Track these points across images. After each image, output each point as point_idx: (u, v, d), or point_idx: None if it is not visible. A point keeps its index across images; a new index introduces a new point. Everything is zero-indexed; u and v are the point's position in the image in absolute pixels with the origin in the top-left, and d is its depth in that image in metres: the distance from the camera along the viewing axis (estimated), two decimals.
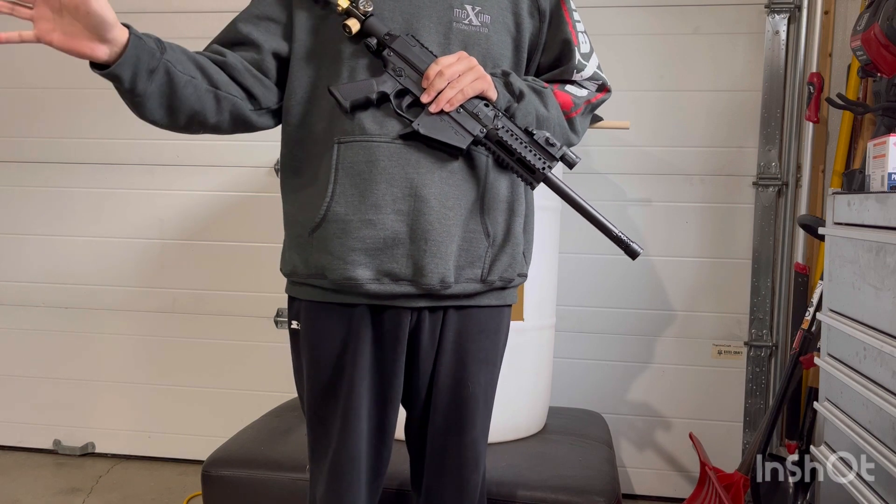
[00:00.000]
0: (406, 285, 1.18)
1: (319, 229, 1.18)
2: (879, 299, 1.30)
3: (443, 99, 1.14)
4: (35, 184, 2.86)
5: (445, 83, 1.14)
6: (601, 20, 2.48)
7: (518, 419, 2.08)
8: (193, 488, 2.50)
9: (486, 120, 1.17)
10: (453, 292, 1.22)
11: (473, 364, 1.27)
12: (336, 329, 1.23)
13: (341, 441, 1.24)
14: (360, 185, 1.16)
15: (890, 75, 1.80)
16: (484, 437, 1.33)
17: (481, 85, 1.16)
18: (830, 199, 1.56)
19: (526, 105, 1.21)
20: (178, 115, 1.15)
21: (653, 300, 2.58)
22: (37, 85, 2.83)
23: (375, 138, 1.16)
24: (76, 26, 0.98)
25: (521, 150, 1.17)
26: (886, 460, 1.24)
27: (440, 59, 1.15)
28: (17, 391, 2.94)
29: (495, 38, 1.24)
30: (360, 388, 1.23)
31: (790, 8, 2.41)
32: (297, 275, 1.25)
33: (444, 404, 1.27)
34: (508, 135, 1.17)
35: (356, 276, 1.17)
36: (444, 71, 1.14)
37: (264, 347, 2.78)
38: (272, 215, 1.31)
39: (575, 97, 1.30)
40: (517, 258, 1.28)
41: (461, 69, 1.14)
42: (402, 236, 1.17)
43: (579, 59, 1.30)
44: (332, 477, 1.26)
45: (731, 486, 2.08)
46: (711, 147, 2.53)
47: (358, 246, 1.16)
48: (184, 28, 2.70)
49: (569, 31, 1.29)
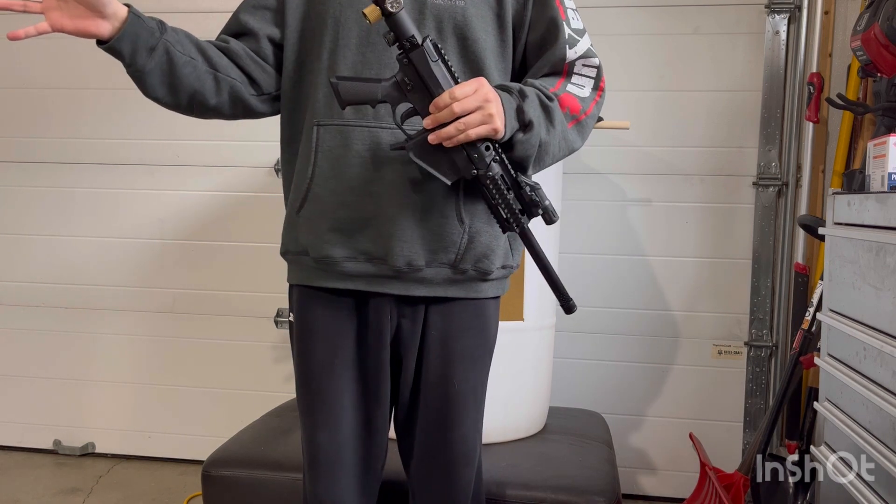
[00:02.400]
0: (379, 264, 1.21)
1: (303, 209, 1.23)
2: (879, 299, 1.30)
3: (443, 135, 1.09)
4: (35, 184, 2.86)
5: (452, 118, 1.08)
6: (601, 20, 2.48)
7: (518, 419, 2.08)
8: (193, 488, 2.50)
9: (480, 164, 1.12)
10: (425, 276, 1.22)
11: (459, 362, 1.28)
12: (322, 319, 1.26)
13: (324, 432, 1.26)
14: (337, 168, 1.20)
15: (890, 75, 1.80)
16: (475, 432, 1.32)
17: (486, 131, 1.10)
18: (830, 199, 1.56)
19: (531, 137, 1.16)
20: (179, 93, 1.20)
21: (653, 300, 2.58)
22: (37, 85, 2.83)
23: (351, 122, 1.19)
24: (79, 9, 1.09)
25: (503, 201, 1.15)
26: (886, 460, 1.24)
27: (455, 91, 1.08)
28: (17, 391, 2.94)
29: (473, 12, 1.22)
30: (343, 377, 1.25)
31: (790, 8, 2.41)
32: (289, 253, 1.30)
33: (432, 402, 1.28)
34: (495, 186, 1.14)
35: (332, 255, 1.22)
36: (454, 107, 1.07)
37: (264, 347, 2.78)
38: (272, 215, 1.31)
39: (580, 98, 1.26)
40: (497, 250, 1.26)
41: (472, 106, 1.08)
42: (372, 217, 1.20)
43: (570, 34, 1.26)
44: (314, 468, 1.28)
45: (731, 486, 2.08)
46: (711, 147, 2.52)
47: (334, 226, 1.21)
48: (185, 28, 2.70)
49: (556, 8, 1.26)
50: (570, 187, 2.37)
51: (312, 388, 1.28)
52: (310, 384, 1.28)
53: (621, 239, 2.58)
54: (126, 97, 2.77)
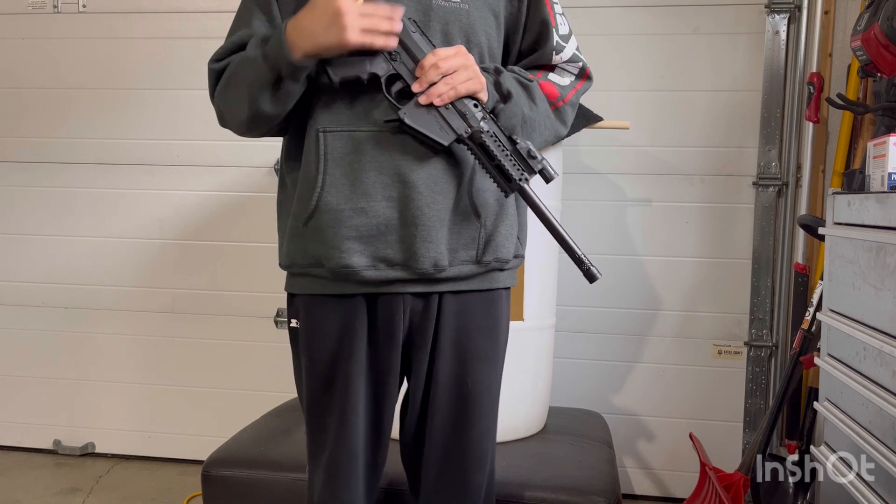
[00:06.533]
0: (400, 270, 1.20)
1: (312, 220, 1.20)
2: (879, 299, 1.30)
3: (434, 93, 1.13)
4: (35, 184, 2.86)
5: (439, 77, 1.13)
6: (601, 20, 2.48)
7: (518, 419, 2.08)
8: (193, 488, 2.50)
9: (472, 120, 1.15)
10: (449, 275, 1.22)
11: (473, 362, 1.27)
12: (332, 323, 1.24)
13: (338, 437, 1.24)
14: (350, 175, 1.18)
15: (890, 75, 1.80)
16: (489, 436, 1.31)
17: (474, 85, 1.15)
18: (830, 199, 1.56)
19: (512, 107, 1.21)
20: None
21: (653, 300, 2.58)
22: (37, 85, 2.83)
23: (361, 127, 1.18)
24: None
25: (502, 157, 1.16)
26: (886, 460, 1.24)
27: (437, 51, 1.14)
28: (17, 391, 2.94)
29: (476, 15, 1.23)
30: (356, 383, 1.23)
31: (790, 8, 2.41)
32: (295, 265, 1.26)
33: (445, 403, 1.26)
34: (492, 140, 1.16)
35: (352, 264, 1.18)
36: (439, 64, 1.13)
37: (264, 347, 2.78)
38: (272, 215, 1.31)
39: (560, 86, 1.29)
40: (511, 239, 1.28)
41: (456, 65, 1.14)
42: (393, 222, 1.18)
43: (557, 41, 1.29)
44: (329, 474, 1.26)
45: (731, 486, 2.08)
46: (711, 147, 2.52)
47: (352, 234, 1.18)
48: (184, 28, 2.70)
49: (546, 13, 1.29)
50: (570, 187, 2.36)
51: (327, 394, 1.25)
52: (324, 389, 1.25)
53: (621, 239, 2.58)
54: (126, 97, 2.77)
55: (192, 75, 2.67)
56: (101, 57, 2.79)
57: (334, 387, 1.24)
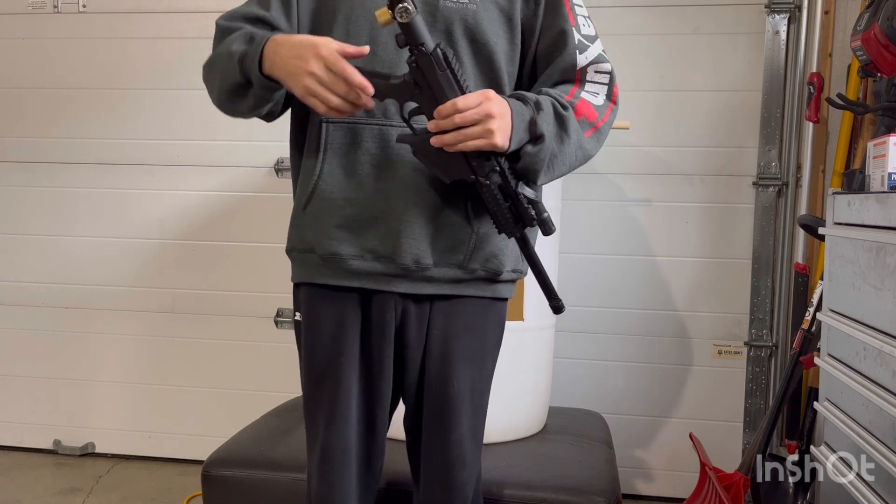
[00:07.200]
0: (387, 263, 1.21)
1: (309, 205, 1.23)
2: (879, 299, 1.30)
3: (443, 142, 1.11)
4: (35, 184, 2.86)
5: (453, 128, 1.10)
6: (601, 20, 2.45)
7: (518, 419, 2.08)
8: (193, 488, 2.49)
9: (478, 170, 1.14)
10: (433, 276, 1.23)
11: (457, 362, 1.27)
12: (328, 317, 1.26)
13: (330, 431, 1.25)
14: (346, 165, 1.21)
15: (890, 75, 1.80)
16: (472, 435, 1.31)
17: (483, 144, 1.11)
18: (830, 199, 1.56)
19: (539, 151, 1.16)
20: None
21: (653, 300, 2.58)
22: (37, 85, 2.83)
23: (361, 120, 1.20)
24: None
25: (497, 210, 1.16)
26: (886, 460, 1.24)
27: (458, 102, 1.09)
28: (17, 391, 2.94)
29: (484, 15, 1.23)
30: (349, 379, 1.25)
31: (790, 8, 2.41)
32: (295, 250, 1.29)
33: (431, 402, 1.28)
34: (490, 194, 1.15)
35: (340, 252, 1.21)
36: (455, 118, 1.09)
37: (264, 347, 2.78)
38: (272, 215, 1.31)
39: (596, 105, 1.26)
40: (506, 251, 1.27)
41: (474, 118, 1.09)
42: (381, 215, 1.20)
43: (580, 40, 1.26)
44: (321, 468, 1.28)
45: (731, 486, 2.08)
46: (711, 147, 2.53)
47: (342, 223, 1.21)
48: (184, 28, 2.70)
49: (566, 15, 1.26)
50: (570, 187, 2.37)
51: (320, 388, 1.27)
52: (317, 383, 1.28)
53: (621, 239, 2.58)
54: (126, 97, 2.77)
55: (192, 75, 2.62)
56: (101, 57, 2.79)
57: (328, 380, 1.26)
